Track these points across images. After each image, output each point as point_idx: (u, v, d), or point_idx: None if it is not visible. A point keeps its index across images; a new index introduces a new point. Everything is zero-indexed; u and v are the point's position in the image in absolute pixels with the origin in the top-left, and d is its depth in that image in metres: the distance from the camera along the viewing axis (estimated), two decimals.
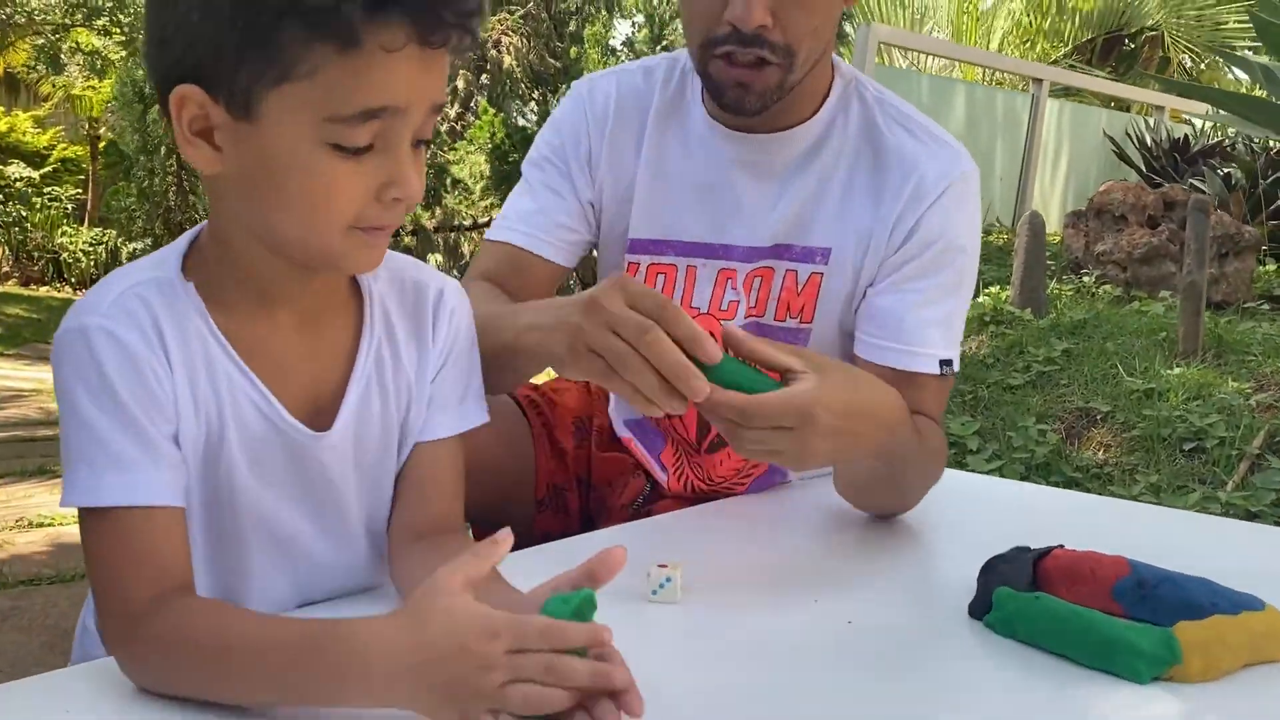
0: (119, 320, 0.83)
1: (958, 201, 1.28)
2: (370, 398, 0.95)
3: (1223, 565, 1.00)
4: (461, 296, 1.04)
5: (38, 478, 4.88)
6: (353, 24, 0.76)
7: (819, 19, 1.20)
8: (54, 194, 16.37)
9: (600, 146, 1.36)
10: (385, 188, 0.83)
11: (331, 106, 0.78)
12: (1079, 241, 5.42)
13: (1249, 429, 2.98)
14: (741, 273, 1.32)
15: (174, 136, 0.83)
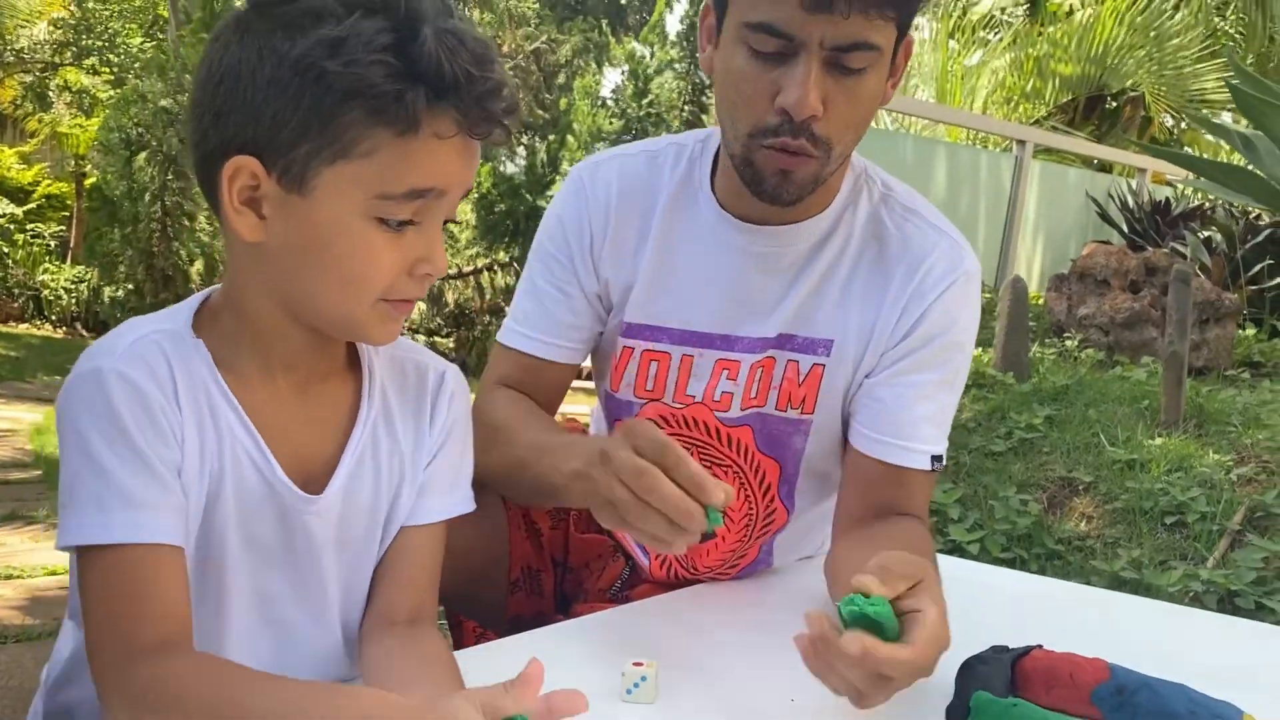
0: (134, 364, 0.86)
1: (961, 297, 1.28)
2: (363, 470, 0.98)
3: (1199, 661, 0.99)
4: (461, 383, 1.06)
5: (11, 524, 4.78)
6: (414, 113, 0.82)
7: (860, 114, 1.19)
8: (37, 230, 16.33)
9: (603, 236, 1.35)
10: (418, 262, 0.89)
11: (383, 185, 0.84)
12: (1061, 305, 5.46)
13: (1230, 504, 2.98)
14: (745, 364, 1.31)
15: (220, 205, 0.87)
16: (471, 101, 0.84)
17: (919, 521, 1.27)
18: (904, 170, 6.38)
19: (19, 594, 3.54)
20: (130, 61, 14.06)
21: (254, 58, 0.83)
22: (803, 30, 1.10)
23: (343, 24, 0.81)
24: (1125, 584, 2.64)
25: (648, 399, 1.34)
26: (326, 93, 0.81)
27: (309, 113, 0.82)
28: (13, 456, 7.05)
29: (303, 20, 0.82)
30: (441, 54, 0.81)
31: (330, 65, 0.81)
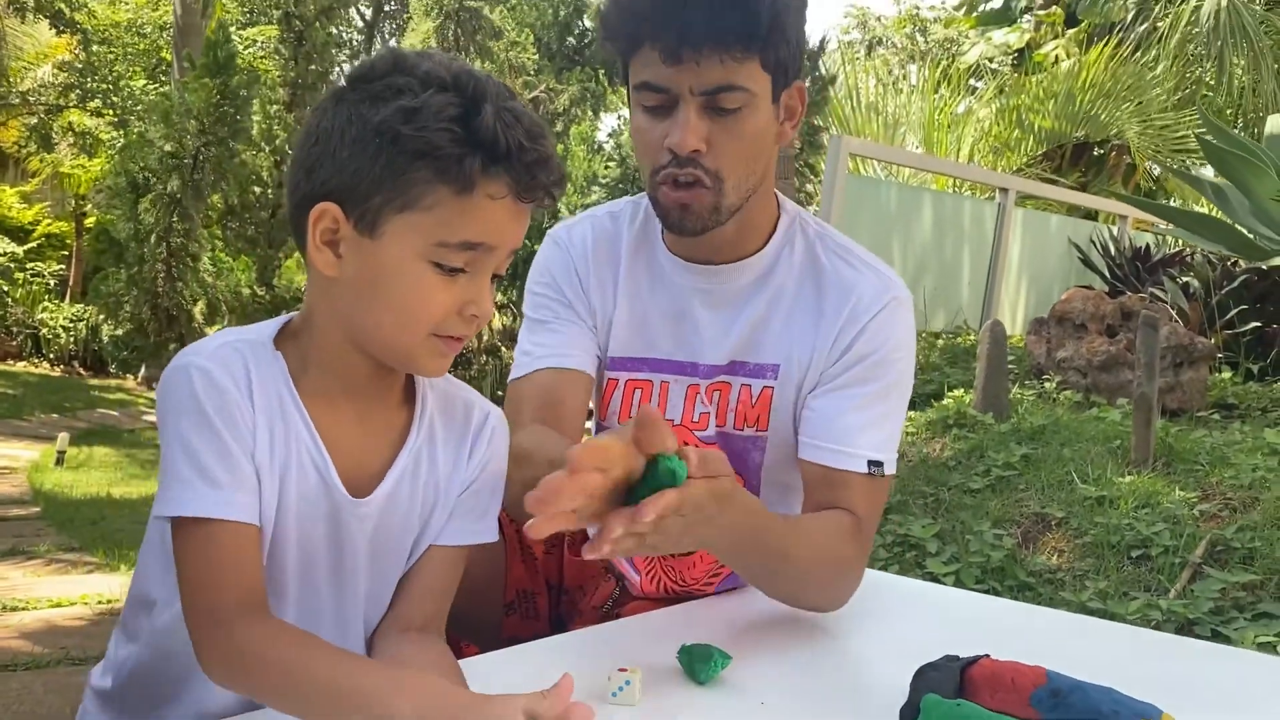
0: (217, 364, 1.00)
1: (889, 321, 1.42)
2: (403, 486, 1.10)
3: (1133, 674, 1.10)
4: (503, 425, 1.19)
5: (12, 559, 4.85)
6: (471, 175, 0.97)
7: (748, 150, 1.35)
8: (36, 269, 16.45)
9: (589, 280, 1.52)
10: (467, 304, 1.02)
11: (441, 235, 0.98)
12: (1041, 348, 5.61)
13: (1192, 538, 3.11)
14: (703, 388, 1.47)
15: (306, 244, 1.02)
16: (522, 169, 0.98)
17: (844, 513, 1.35)
18: (889, 217, 6.54)
19: (25, 625, 3.62)
20: (133, 104, 14.24)
21: (344, 122, 0.99)
22: (672, 82, 1.29)
23: (419, 97, 0.96)
24: (1091, 613, 2.76)
25: None
26: (400, 153, 0.96)
27: (385, 169, 0.97)
28: (12, 493, 7.10)
29: (386, 93, 0.97)
30: (499, 127, 0.96)
31: (405, 129, 0.95)
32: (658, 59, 1.28)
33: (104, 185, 12.41)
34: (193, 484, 0.96)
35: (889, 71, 17.37)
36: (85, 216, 17.50)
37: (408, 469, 1.10)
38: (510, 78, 10.16)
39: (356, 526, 1.08)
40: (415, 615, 1.13)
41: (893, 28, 26.46)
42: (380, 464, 1.09)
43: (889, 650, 1.32)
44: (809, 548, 1.29)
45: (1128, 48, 11.15)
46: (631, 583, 1.53)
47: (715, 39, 1.26)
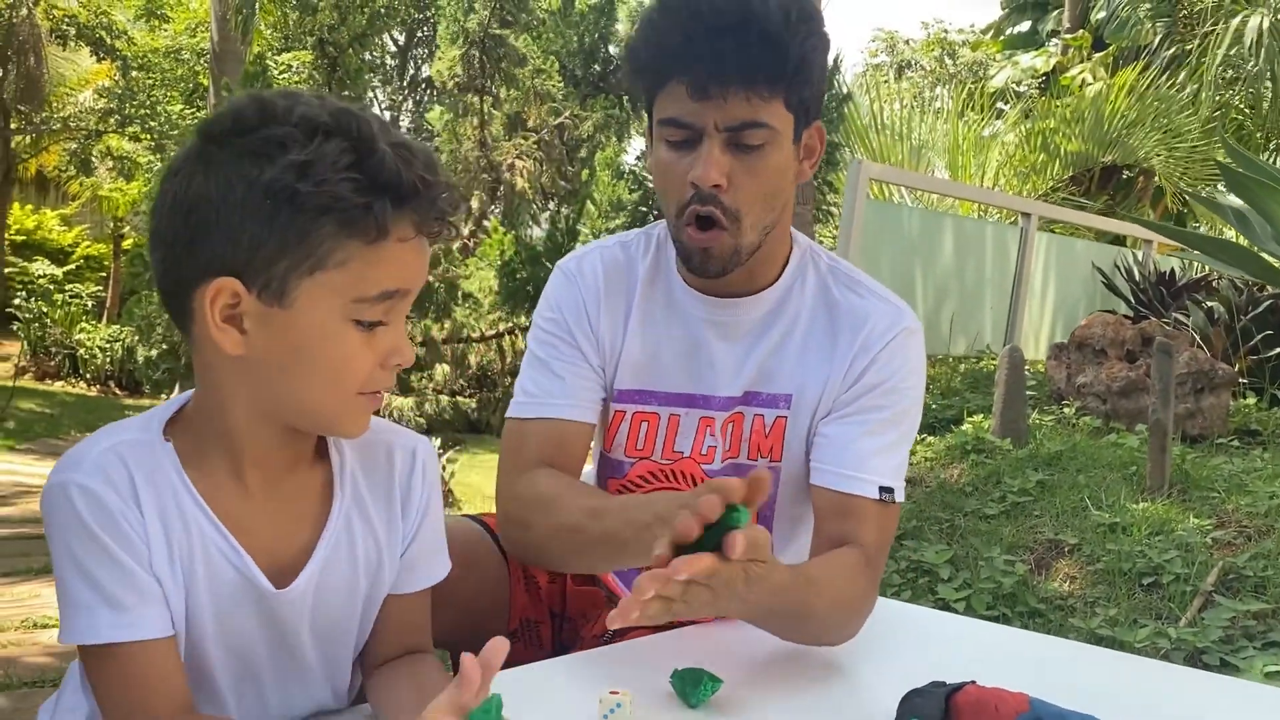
0: (95, 478, 0.93)
1: (901, 350, 1.45)
2: (338, 558, 1.05)
3: (1126, 703, 1.12)
4: (430, 454, 1.14)
5: (44, 577, 4.94)
6: (383, 221, 0.92)
7: (767, 187, 1.36)
8: (75, 291, 16.73)
9: (598, 315, 1.51)
10: (389, 356, 0.98)
11: (358, 290, 0.94)
12: (1061, 373, 5.61)
13: (1204, 566, 3.11)
14: (719, 420, 1.48)
15: (195, 326, 0.94)
16: (427, 205, 0.95)
17: (855, 549, 1.37)
18: (910, 243, 6.56)
19: (55, 644, 3.69)
20: (170, 129, 14.48)
21: (223, 186, 0.90)
22: (697, 118, 1.31)
23: (307, 148, 0.89)
24: (1101, 640, 2.77)
25: (638, 457, 1.50)
26: (300, 211, 0.89)
27: (285, 231, 0.90)
28: None
29: (268, 148, 0.90)
30: (399, 165, 0.91)
31: (302, 186, 0.88)
32: (685, 94, 1.30)
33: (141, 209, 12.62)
34: (94, 609, 0.92)
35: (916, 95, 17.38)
36: (123, 239, 17.81)
37: (340, 539, 1.05)
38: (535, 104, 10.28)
39: (290, 611, 1.03)
40: (395, 649, 1.12)
41: (920, 51, 26.47)
42: (306, 538, 1.03)
43: (880, 676, 1.34)
44: (825, 600, 1.30)
45: (1155, 72, 11.11)
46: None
47: (743, 76, 1.29)
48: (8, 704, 2.88)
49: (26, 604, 4.30)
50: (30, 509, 7.20)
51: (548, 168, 10.13)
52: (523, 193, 10.18)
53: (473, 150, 10.71)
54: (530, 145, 10.11)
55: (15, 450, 10.05)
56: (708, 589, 1.05)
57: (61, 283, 16.77)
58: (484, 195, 10.12)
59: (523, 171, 10.02)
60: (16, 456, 9.73)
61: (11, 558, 5.37)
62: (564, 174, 10.13)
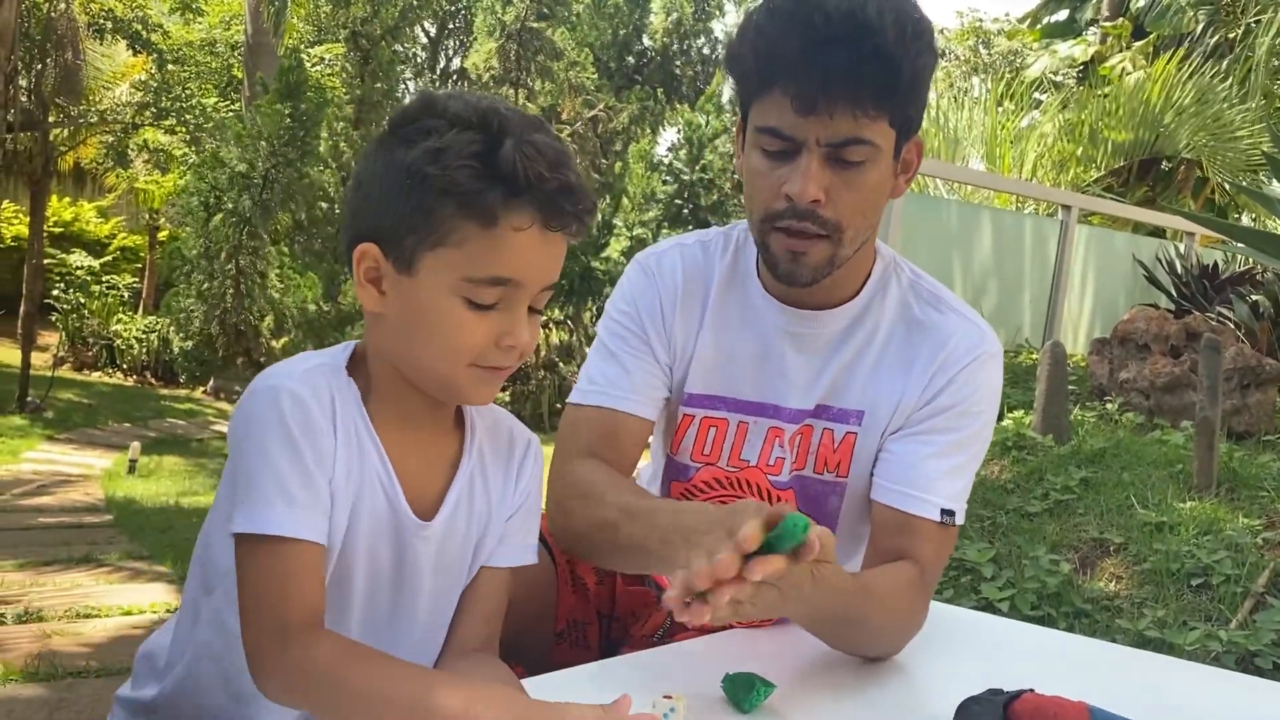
0: (307, 388, 1.04)
1: (979, 373, 1.41)
2: (460, 508, 1.14)
3: (1186, 711, 1.09)
4: (540, 453, 1.23)
5: (84, 566, 5.00)
6: (493, 208, 1.00)
7: (866, 203, 1.32)
8: (112, 282, 16.93)
9: (674, 315, 1.48)
10: (503, 336, 1.05)
11: (469, 270, 1.02)
12: (1103, 368, 5.53)
13: (1255, 566, 3.05)
14: (788, 432, 1.46)
15: (354, 281, 1.07)
16: (544, 198, 1.01)
17: (911, 564, 1.35)
18: (949, 235, 6.50)
19: (97, 633, 3.72)
20: (205, 122, 14.61)
21: (380, 167, 1.04)
22: (800, 131, 1.27)
23: (444, 138, 1.00)
24: (1149, 643, 2.73)
25: (704, 462, 1.48)
26: (427, 192, 1.00)
27: (415, 208, 1.01)
28: (86, 501, 7.32)
29: (416, 136, 1.02)
30: (519, 159, 0.99)
31: (430, 169, 1.00)
32: (789, 105, 1.26)
33: (176, 201, 12.73)
34: (273, 503, 0.99)
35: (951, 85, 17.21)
36: (159, 230, 18.00)
37: (464, 493, 1.14)
38: (570, 97, 10.26)
39: (421, 549, 1.12)
40: (472, 637, 1.17)
41: (955, 40, 26.22)
42: (438, 489, 1.13)
43: (934, 682, 1.33)
44: (880, 611, 1.29)
45: (1196, 60, 10.94)
46: None
47: (852, 94, 1.24)
48: (51, 694, 2.91)
49: (69, 593, 4.35)
50: (70, 498, 7.29)
51: (582, 160, 10.12)
52: None
53: None
54: (564, 138, 10.13)
55: (54, 440, 10.18)
56: (776, 590, 1.06)
57: (99, 274, 16.98)
58: None
59: None
60: (55, 446, 9.86)
61: (53, 546, 5.42)
62: (598, 167, 10.11)
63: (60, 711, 2.73)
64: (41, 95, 13.79)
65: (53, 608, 3.94)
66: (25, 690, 2.88)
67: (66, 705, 2.78)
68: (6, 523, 6.33)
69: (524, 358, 1.11)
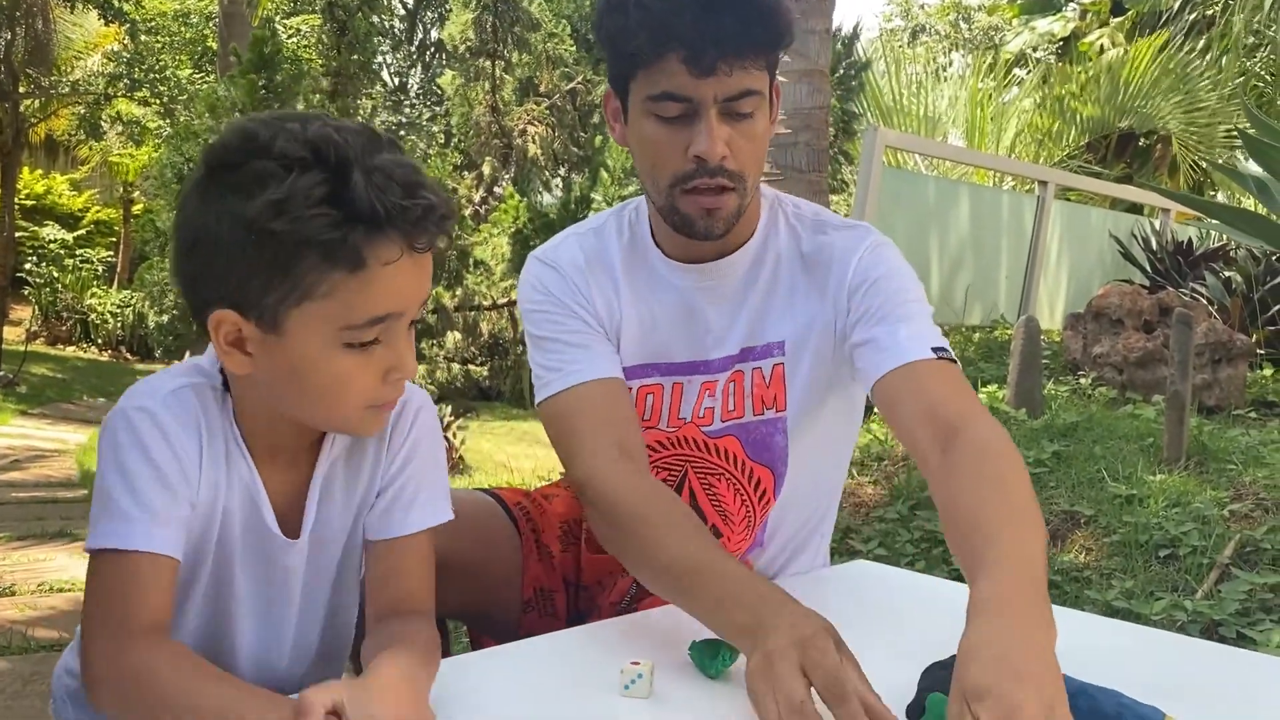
0: (169, 411, 1.02)
1: (874, 256, 1.46)
2: (325, 513, 1.13)
3: (1147, 677, 1.10)
4: (427, 407, 1.19)
5: (58, 540, 4.98)
6: (358, 250, 0.94)
7: (760, 149, 1.41)
8: (86, 256, 16.77)
9: (589, 293, 1.51)
10: (390, 372, 1.02)
11: (346, 318, 0.97)
12: (1077, 343, 5.58)
13: (1221, 538, 3.09)
14: (720, 381, 1.50)
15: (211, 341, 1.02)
16: (408, 226, 0.96)
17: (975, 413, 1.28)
18: (926, 211, 6.51)
19: (70, 606, 3.72)
20: (179, 93, 14.43)
21: (215, 221, 0.96)
22: (697, 92, 1.31)
23: (283, 185, 0.92)
24: (1117, 612, 2.76)
25: (645, 428, 1.50)
26: (280, 248, 0.93)
27: (270, 266, 0.94)
28: (60, 476, 7.29)
29: (250, 185, 0.93)
30: (372, 194, 0.93)
31: (278, 226, 0.92)
32: (684, 70, 1.30)
33: (150, 174, 12.60)
34: (124, 518, 0.98)
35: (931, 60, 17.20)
36: (133, 204, 17.82)
37: (323, 499, 1.13)
38: (548, 69, 10.20)
39: (293, 563, 1.13)
40: (385, 604, 1.13)
41: (935, 15, 26.19)
42: (302, 497, 1.12)
43: (901, 648, 1.33)
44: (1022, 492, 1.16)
45: (1173, 37, 10.98)
46: None
47: (745, 50, 1.31)
48: (25, 667, 2.91)
49: (41, 567, 4.33)
50: (44, 473, 7.25)
51: (560, 134, 10.07)
52: (535, 159, 10.12)
53: (484, 115, 10.65)
54: (542, 111, 10.05)
55: (28, 415, 10.12)
56: None
57: (72, 248, 16.82)
58: (495, 161, 10.07)
59: (535, 137, 9.96)
60: (29, 421, 9.80)
61: (26, 521, 5.40)
62: (576, 140, 10.07)
63: (33, 684, 2.73)
64: (11, 65, 13.60)
65: (24, 582, 3.93)
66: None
67: (40, 678, 2.78)
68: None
69: (411, 377, 1.07)
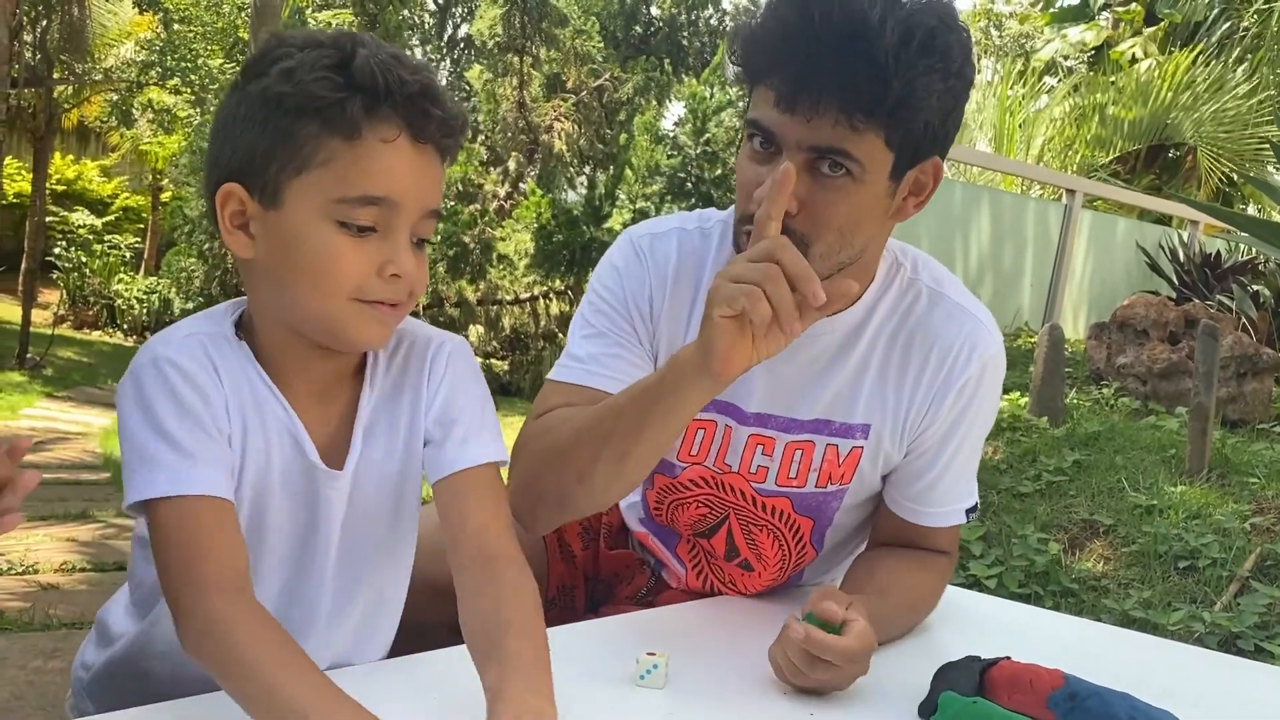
0: (184, 354, 1.00)
1: (984, 379, 1.37)
2: (371, 449, 1.08)
3: (1161, 686, 1.11)
4: (464, 350, 1.16)
5: (80, 521, 5.03)
6: (355, 118, 0.94)
7: (843, 222, 1.20)
8: (114, 241, 16.90)
9: (662, 305, 1.39)
10: (384, 265, 0.98)
11: (340, 190, 0.96)
12: (1101, 353, 5.54)
13: (1242, 551, 3.07)
14: (780, 442, 1.38)
15: (219, 231, 1.01)
16: (408, 104, 0.96)
17: (944, 557, 1.44)
18: (952, 217, 6.49)
19: (90, 585, 3.76)
20: (209, 82, 14.52)
21: (235, 105, 0.99)
22: (780, 129, 1.17)
23: (295, 58, 0.95)
24: (1133, 622, 2.75)
25: (690, 462, 1.43)
26: (284, 114, 0.95)
27: (274, 134, 0.95)
28: (84, 459, 7.35)
29: (266, 65, 0.97)
30: (375, 67, 0.94)
31: (285, 89, 0.94)
32: (772, 99, 1.17)
33: (180, 162, 12.70)
34: (169, 466, 0.96)
35: None
36: (161, 191, 17.95)
37: (369, 433, 1.09)
38: (575, 66, 10.22)
39: (334, 499, 1.07)
40: (461, 548, 1.07)
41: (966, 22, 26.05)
42: (347, 438, 1.08)
43: (914, 650, 1.34)
44: (925, 610, 1.41)
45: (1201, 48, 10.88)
46: (676, 575, 1.55)
47: (834, 97, 1.13)
48: (47, 643, 2.94)
49: (63, 547, 4.37)
50: (67, 455, 7.31)
51: (586, 130, 10.08)
52: (560, 155, 10.14)
53: (511, 111, 10.68)
54: (569, 107, 10.07)
55: (54, 397, 10.20)
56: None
57: (101, 233, 16.95)
58: (521, 157, 10.10)
59: (561, 133, 9.98)
60: (54, 404, 9.88)
61: (50, 502, 5.45)
62: (602, 137, 10.08)
63: (55, 659, 2.76)
64: (46, 51, 13.72)
65: (48, 561, 3.96)
66: (21, 639, 2.91)
67: (60, 654, 2.81)
68: None
69: (415, 296, 1.03)
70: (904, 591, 1.36)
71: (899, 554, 1.41)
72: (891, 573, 1.37)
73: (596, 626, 1.35)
